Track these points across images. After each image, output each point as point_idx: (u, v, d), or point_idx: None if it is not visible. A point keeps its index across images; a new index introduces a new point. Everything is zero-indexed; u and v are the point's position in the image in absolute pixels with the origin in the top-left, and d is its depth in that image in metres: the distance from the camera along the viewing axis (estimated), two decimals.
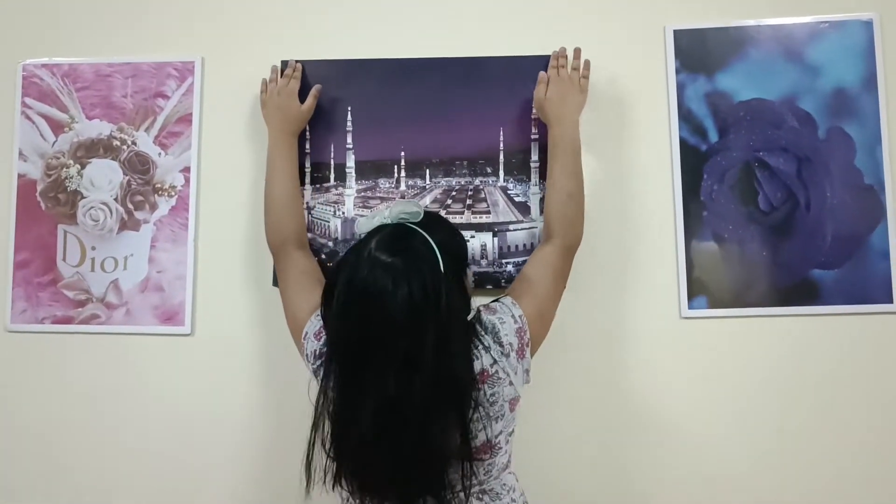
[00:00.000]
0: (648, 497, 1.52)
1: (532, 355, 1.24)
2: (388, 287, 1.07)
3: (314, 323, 1.28)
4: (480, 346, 1.19)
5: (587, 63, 1.49)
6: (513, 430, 1.25)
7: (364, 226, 1.20)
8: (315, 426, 1.14)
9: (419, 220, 1.18)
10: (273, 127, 1.51)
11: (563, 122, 1.43)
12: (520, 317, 1.23)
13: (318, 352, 1.24)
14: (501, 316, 1.22)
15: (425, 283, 1.08)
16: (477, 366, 1.16)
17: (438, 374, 1.07)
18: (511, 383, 1.20)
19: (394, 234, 1.15)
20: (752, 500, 1.51)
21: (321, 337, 1.24)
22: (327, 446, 1.13)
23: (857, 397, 1.51)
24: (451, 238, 1.24)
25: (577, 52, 1.50)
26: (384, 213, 1.19)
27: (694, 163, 1.54)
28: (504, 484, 1.24)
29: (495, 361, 1.19)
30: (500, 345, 1.19)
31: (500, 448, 1.21)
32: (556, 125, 1.43)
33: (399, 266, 1.09)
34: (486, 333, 1.19)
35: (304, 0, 1.62)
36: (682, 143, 1.55)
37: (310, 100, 1.52)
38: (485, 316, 1.22)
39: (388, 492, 1.13)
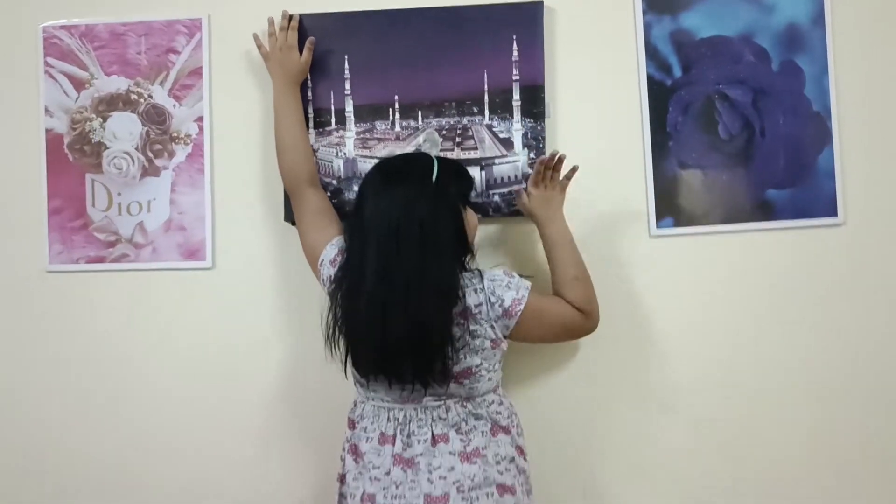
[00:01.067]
0: (624, 408, 1.72)
1: (509, 335, 1.43)
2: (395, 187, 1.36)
3: (329, 251, 1.48)
4: (474, 287, 1.39)
5: (575, 168, 1.56)
6: (498, 364, 1.45)
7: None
8: (332, 310, 1.40)
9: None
10: (277, 79, 1.65)
11: (554, 221, 1.56)
12: (524, 294, 1.41)
13: (332, 277, 1.43)
14: (511, 281, 1.42)
15: (422, 179, 1.38)
16: (461, 304, 1.36)
17: (423, 262, 1.32)
18: (492, 327, 1.40)
19: (405, 161, 1.47)
20: (725, 403, 1.70)
21: (336, 263, 1.43)
22: (343, 329, 1.37)
23: (809, 299, 1.70)
24: (459, 168, 1.47)
25: (562, 159, 1.53)
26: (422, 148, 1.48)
27: (660, 97, 1.71)
28: (485, 400, 1.44)
29: (481, 304, 1.38)
30: (493, 294, 1.39)
31: (482, 375, 1.41)
32: (548, 225, 1.56)
33: (403, 168, 1.42)
34: (485, 280, 1.40)
35: None
36: (650, 78, 1.71)
37: (306, 52, 1.67)
38: (498, 270, 1.42)
39: (386, 367, 1.36)
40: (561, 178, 1.57)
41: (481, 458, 1.39)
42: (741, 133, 1.70)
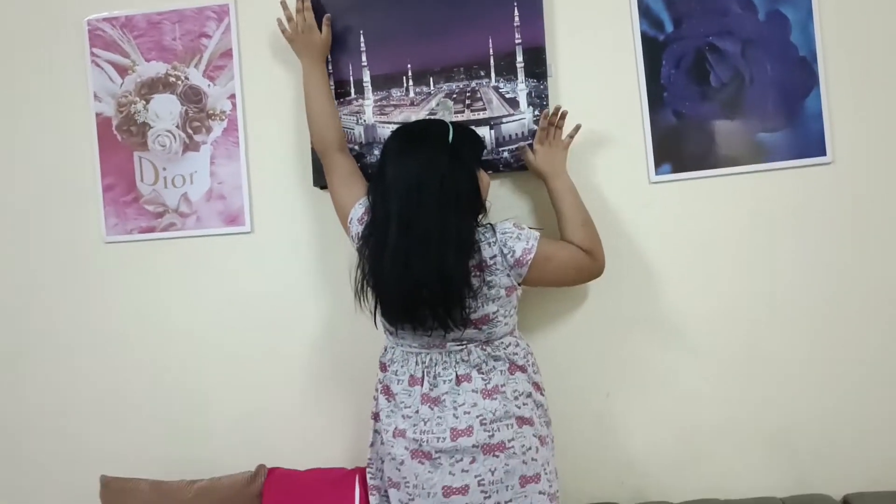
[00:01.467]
0: (632, 343, 1.86)
1: (522, 282, 1.57)
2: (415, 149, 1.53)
3: (357, 210, 1.65)
4: (487, 241, 1.54)
5: (578, 127, 1.73)
6: (514, 309, 1.61)
7: None
8: (360, 265, 1.55)
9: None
10: (304, 57, 1.80)
11: (559, 175, 1.71)
12: (534, 244, 1.56)
13: (360, 234, 1.60)
14: (521, 233, 1.56)
15: (439, 142, 1.54)
16: (477, 258, 1.51)
17: (443, 217, 1.47)
18: (507, 276, 1.55)
19: (421, 126, 1.65)
20: (726, 333, 1.84)
21: (363, 221, 1.60)
22: (370, 282, 1.52)
23: (802, 234, 1.81)
24: (472, 133, 1.64)
25: (565, 115, 1.72)
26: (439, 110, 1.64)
27: (653, 52, 1.83)
28: (503, 343, 1.60)
29: (495, 256, 1.54)
30: (505, 246, 1.54)
31: (499, 321, 1.57)
32: (553, 179, 1.71)
33: (422, 133, 1.59)
34: (497, 233, 1.55)
35: None
36: (643, 35, 1.84)
37: (325, 28, 1.82)
38: (508, 223, 1.57)
39: (411, 316, 1.51)
40: (564, 136, 1.71)
41: (500, 394, 1.54)
42: (731, 81, 1.82)
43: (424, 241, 1.47)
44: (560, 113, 1.71)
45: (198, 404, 1.99)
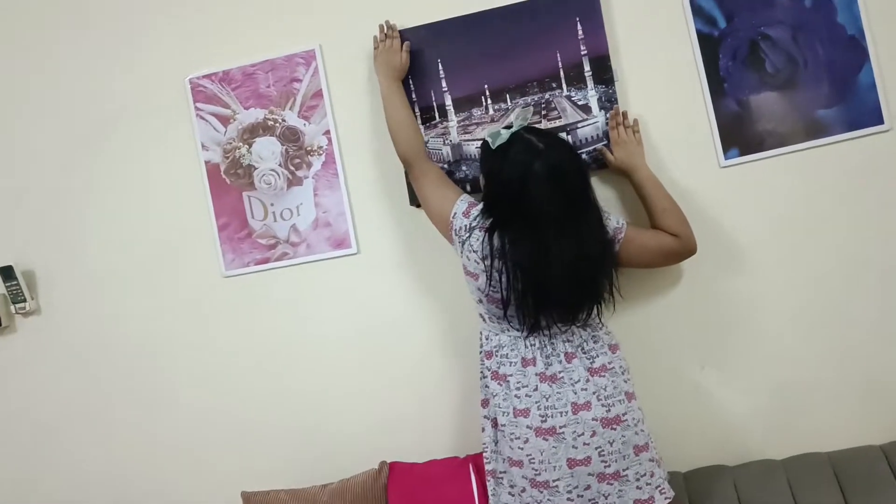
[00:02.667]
0: (718, 323, 2.01)
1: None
2: (567, 162, 1.66)
3: (460, 205, 1.78)
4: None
5: (636, 121, 1.93)
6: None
7: (499, 138, 1.69)
8: (513, 276, 1.64)
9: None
10: (383, 75, 1.96)
11: (640, 169, 1.87)
12: (623, 224, 1.76)
13: (468, 226, 1.74)
14: (609, 215, 1.75)
15: (577, 157, 1.75)
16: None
17: (595, 222, 1.67)
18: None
19: (538, 131, 1.71)
20: (802, 300, 1.98)
21: (469, 214, 1.75)
22: (520, 286, 1.64)
23: (868, 201, 1.94)
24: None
25: (625, 114, 1.93)
26: (516, 122, 1.71)
27: (710, 47, 1.98)
28: (597, 323, 1.77)
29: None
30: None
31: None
32: (635, 173, 1.87)
33: (563, 146, 1.73)
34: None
35: None
36: (699, 33, 1.99)
37: (404, 54, 1.99)
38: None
39: (563, 308, 1.67)
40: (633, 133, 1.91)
41: (609, 371, 1.69)
42: (786, 67, 1.96)
43: (584, 229, 1.64)
44: (622, 113, 1.90)
45: (322, 414, 2.17)
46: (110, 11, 2.20)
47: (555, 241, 1.61)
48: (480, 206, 1.75)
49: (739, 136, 1.97)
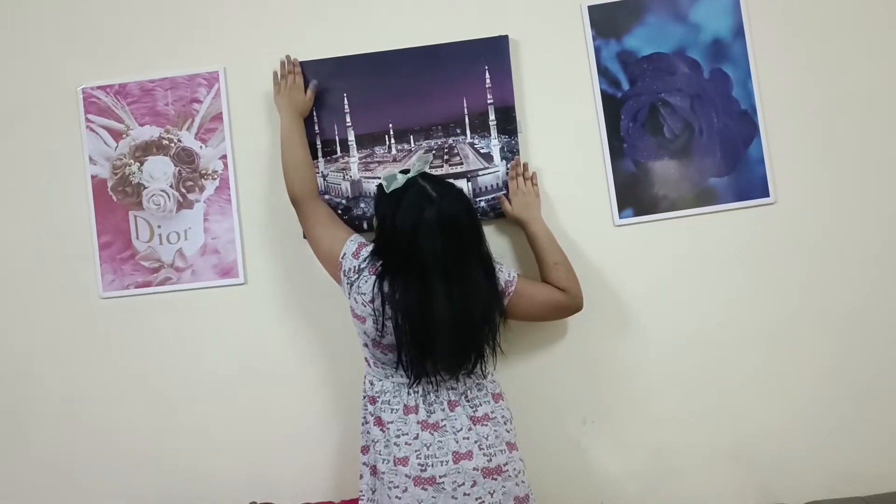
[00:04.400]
0: (601, 379, 2.02)
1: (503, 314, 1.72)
2: (460, 212, 1.63)
3: (350, 246, 1.74)
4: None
5: (535, 174, 1.96)
6: None
7: (394, 182, 1.66)
8: (400, 323, 1.61)
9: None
10: (285, 113, 1.93)
11: (534, 221, 1.90)
12: (514, 276, 1.75)
13: (356, 267, 1.69)
14: (501, 267, 1.74)
15: (471, 207, 1.69)
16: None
17: (486, 271, 1.65)
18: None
19: (433, 179, 1.68)
20: (686, 357, 2.02)
21: (359, 255, 1.70)
22: (406, 334, 1.60)
23: (751, 267, 2.01)
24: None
25: (526, 165, 1.96)
26: (414, 168, 1.69)
27: (612, 108, 2.03)
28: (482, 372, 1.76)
29: None
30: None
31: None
32: (530, 225, 1.89)
33: (457, 195, 1.67)
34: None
35: (301, 11, 2.05)
36: (603, 93, 2.03)
37: (309, 92, 1.97)
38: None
39: (446, 360, 1.63)
40: (530, 185, 1.93)
41: (491, 420, 1.68)
42: (683, 132, 2.02)
43: (470, 282, 1.61)
44: (522, 165, 1.92)
45: (195, 447, 2.07)
46: (4, 11, 2.10)
47: (440, 292, 1.58)
48: (371, 247, 1.71)
49: (635, 196, 2.01)
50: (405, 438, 1.66)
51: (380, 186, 1.71)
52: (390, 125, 2.02)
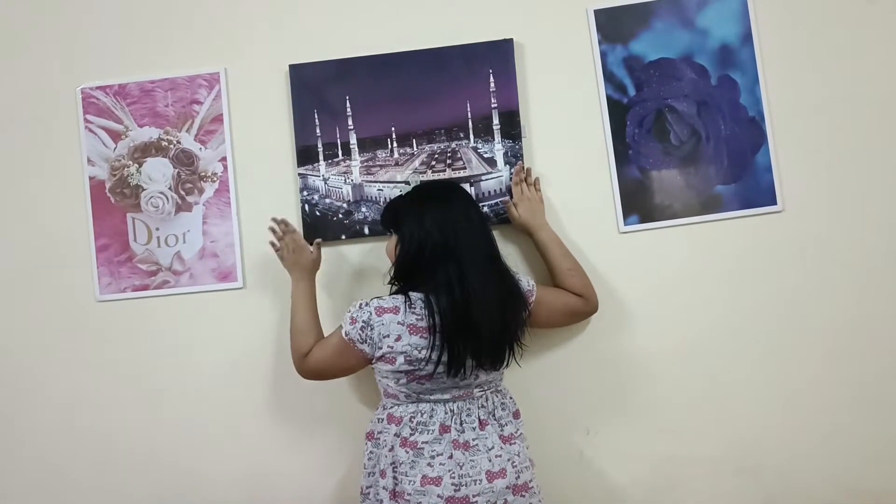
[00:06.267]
0: (605, 387, 1.99)
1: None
2: (472, 215, 1.65)
3: (385, 339, 1.60)
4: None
5: (538, 179, 1.94)
6: None
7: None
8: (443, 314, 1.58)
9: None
10: (293, 276, 1.82)
11: (542, 228, 1.88)
12: (533, 285, 1.74)
13: (370, 321, 1.61)
14: (519, 276, 1.72)
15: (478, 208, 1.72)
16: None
17: (506, 272, 1.67)
18: None
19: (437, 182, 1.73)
20: (691, 365, 1.98)
21: (401, 339, 1.59)
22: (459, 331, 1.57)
23: (757, 275, 1.98)
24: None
25: (529, 171, 1.94)
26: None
27: (618, 113, 2.00)
28: (504, 390, 1.75)
29: None
30: None
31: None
32: (538, 232, 1.87)
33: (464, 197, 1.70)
34: None
35: (303, 12, 2.03)
36: (609, 98, 2.00)
37: (315, 249, 1.85)
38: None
39: (489, 348, 1.61)
40: (534, 190, 1.91)
41: (518, 438, 1.68)
42: (689, 139, 1.99)
43: (507, 273, 1.65)
44: (525, 170, 1.90)
45: (192, 451, 2.03)
46: (4, 12, 2.08)
47: (482, 279, 1.59)
48: (376, 301, 1.63)
49: (640, 203, 1.98)
50: (440, 459, 1.61)
51: (393, 209, 1.72)
52: (393, 128, 1.99)
